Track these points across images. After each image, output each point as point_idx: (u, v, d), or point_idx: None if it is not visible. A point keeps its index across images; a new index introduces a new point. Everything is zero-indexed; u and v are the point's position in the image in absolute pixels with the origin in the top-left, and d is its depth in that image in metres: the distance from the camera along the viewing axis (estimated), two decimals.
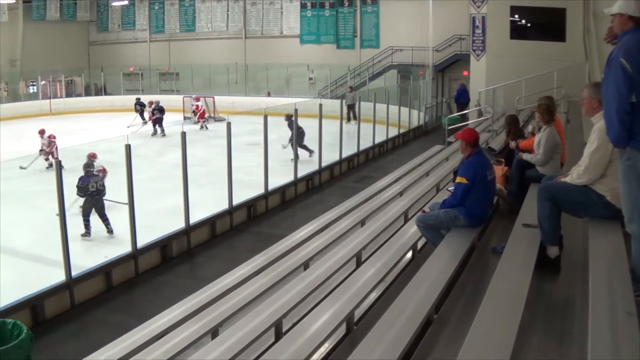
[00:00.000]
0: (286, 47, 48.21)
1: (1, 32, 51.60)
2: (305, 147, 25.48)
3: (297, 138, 23.74)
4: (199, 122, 38.83)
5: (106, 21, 58.67)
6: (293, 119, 24.00)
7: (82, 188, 17.44)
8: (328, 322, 6.98)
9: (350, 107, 35.83)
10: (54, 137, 27.43)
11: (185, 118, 41.07)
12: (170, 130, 33.03)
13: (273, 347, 7.14)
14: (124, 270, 14.39)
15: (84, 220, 17.55)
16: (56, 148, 26.36)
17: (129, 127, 37.22)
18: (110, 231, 17.57)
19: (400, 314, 6.47)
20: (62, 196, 12.67)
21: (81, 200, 17.48)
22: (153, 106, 37.69)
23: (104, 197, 17.65)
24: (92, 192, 17.32)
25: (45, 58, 52.64)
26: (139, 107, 41.22)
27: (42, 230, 17.98)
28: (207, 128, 37.20)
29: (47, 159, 26.93)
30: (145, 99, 41.27)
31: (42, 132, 28.08)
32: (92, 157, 19.85)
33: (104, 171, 18.80)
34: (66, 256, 12.85)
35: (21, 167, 25.57)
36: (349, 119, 34.31)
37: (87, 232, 17.45)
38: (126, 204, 17.06)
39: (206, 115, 39.67)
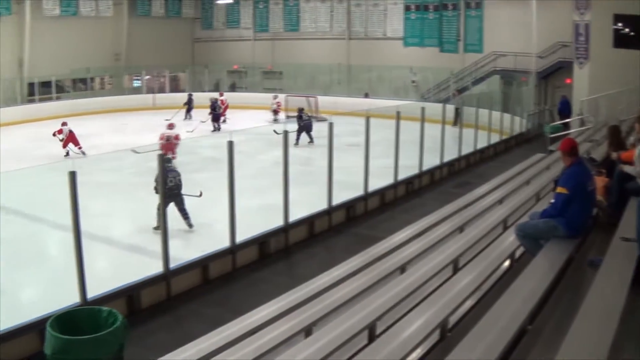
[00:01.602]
0: (389, 49, 47.94)
1: (106, 27, 52.82)
2: (310, 136, 32.03)
3: (306, 128, 32.34)
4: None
5: (211, 19, 59.40)
6: (303, 112, 33.33)
7: (162, 183, 17.46)
8: (422, 327, 7.01)
9: (456, 111, 35.56)
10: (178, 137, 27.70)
11: (288, 117, 41.28)
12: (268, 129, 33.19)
13: (366, 349, 7.21)
14: (222, 265, 14.56)
15: (159, 213, 17.53)
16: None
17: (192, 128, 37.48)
18: (190, 225, 17.96)
19: (494, 323, 6.48)
20: (165, 188, 12.86)
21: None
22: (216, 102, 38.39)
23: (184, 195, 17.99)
24: (170, 187, 17.41)
25: (149, 53, 53.80)
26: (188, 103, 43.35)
27: (142, 221, 18.38)
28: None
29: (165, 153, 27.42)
30: (250, 97, 41.62)
31: (171, 126, 28.66)
32: (170, 126, 20.36)
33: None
34: (165, 248, 13.08)
35: (134, 151, 26.10)
36: (455, 123, 34.07)
37: (159, 226, 17.51)
38: (199, 196, 18.01)
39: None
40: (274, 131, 29.87)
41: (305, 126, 33.68)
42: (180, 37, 59.12)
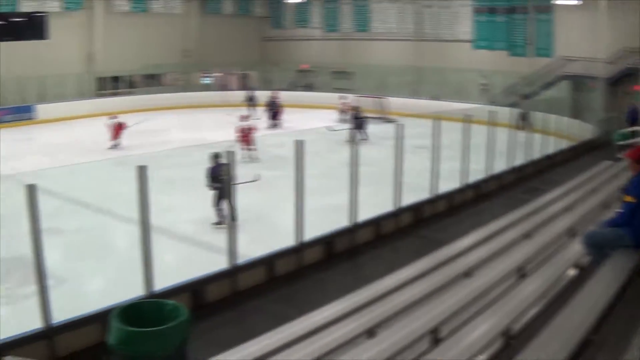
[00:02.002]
0: (458, 52, 47.63)
1: (176, 24, 53.41)
2: (364, 134, 33.75)
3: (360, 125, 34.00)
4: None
5: (280, 18, 59.61)
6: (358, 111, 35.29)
7: (213, 178, 18.16)
8: (485, 334, 7.01)
9: (524, 116, 35.28)
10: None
11: (357, 118, 41.21)
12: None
13: (429, 353, 7.24)
14: (287, 263, 14.69)
15: (216, 209, 18.39)
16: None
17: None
18: (234, 218, 17.40)
19: (558, 331, 6.47)
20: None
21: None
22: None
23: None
24: (222, 179, 17.58)
25: (219, 51, 54.48)
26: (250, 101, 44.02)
27: (208, 217, 18.59)
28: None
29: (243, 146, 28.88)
30: (318, 97, 41.73)
31: (245, 118, 30.51)
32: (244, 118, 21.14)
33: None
34: (232, 244, 13.21)
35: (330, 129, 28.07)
36: (522, 128, 33.89)
37: (221, 221, 18.09)
38: (254, 181, 18.80)
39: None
40: (329, 129, 31.20)
41: (359, 124, 34.46)
42: (249, 35, 59.51)
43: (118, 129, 33.25)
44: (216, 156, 18.49)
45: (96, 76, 48.62)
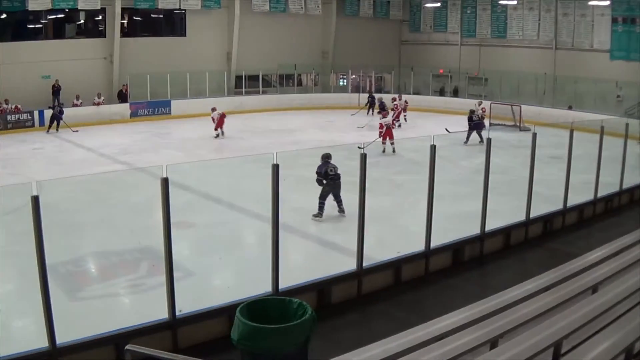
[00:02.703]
0: (595, 61, 46.55)
1: (314, 25, 53.95)
2: (480, 136, 33.41)
3: (476, 128, 34.18)
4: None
5: (418, 21, 59.29)
6: (474, 114, 35.27)
7: (322, 174, 18.93)
8: (608, 350, 6.98)
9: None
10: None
11: (491, 124, 40.95)
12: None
13: None
14: (414, 268, 14.60)
15: (320, 202, 19.13)
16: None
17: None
18: (341, 211, 19.17)
19: None
20: (364, 187, 13.06)
21: None
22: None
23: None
24: (331, 176, 18.71)
25: (356, 53, 54.42)
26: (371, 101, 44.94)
27: (337, 218, 18.80)
28: None
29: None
30: (454, 102, 41.57)
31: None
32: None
33: None
34: (360, 246, 13.26)
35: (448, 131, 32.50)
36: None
37: (320, 214, 19.14)
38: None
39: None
40: (446, 129, 31.80)
41: (475, 126, 34.75)
42: (387, 38, 59.44)
43: (221, 120, 34.25)
44: (326, 157, 19.39)
45: (234, 74, 49.38)
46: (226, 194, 21.45)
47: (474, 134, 34.10)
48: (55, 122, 37.71)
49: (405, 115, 42.17)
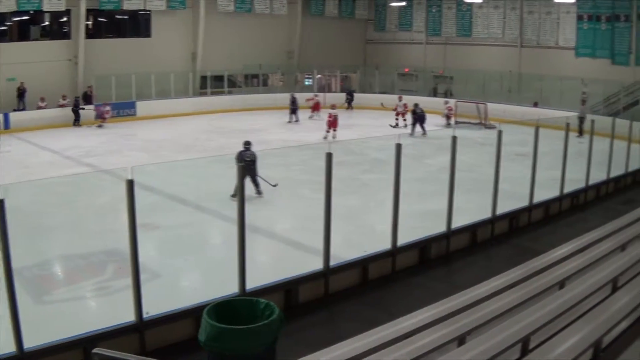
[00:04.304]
0: (560, 59, 46.88)
1: (279, 25, 53.93)
2: (423, 128, 36.45)
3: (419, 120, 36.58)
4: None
5: (384, 21, 59.51)
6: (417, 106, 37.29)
7: (238, 158, 20.13)
8: (575, 346, 6.98)
9: (582, 120, 34.70)
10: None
11: (457, 122, 41.18)
12: (443, 134, 33.17)
13: None
14: (381, 267, 14.61)
15: (237, 185, 19.46)
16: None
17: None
18: (258, 192, 20.47)
19: None
20: (330, 186, 13.03)
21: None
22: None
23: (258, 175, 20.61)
24: (247, 161, 19.56)
25: (321, 52, 54.68)
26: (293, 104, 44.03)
27: (304, 218, 18.78)
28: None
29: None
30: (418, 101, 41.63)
31: (334, 107, 36.24)
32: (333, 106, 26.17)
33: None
34: (327, 246, 13.25)
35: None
36: (580, 133, 33.63)
37: (235, 194, 19.33)
38: (274, 185, 20.43)
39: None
40: (390, 125, 32.63)
41: (418, 119, 36.82)
42: (352, 37, 59.59)
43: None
44: (246, 143, 20.92)
45: (199, 75, 49.22)
46: (192, 195, 21.38)
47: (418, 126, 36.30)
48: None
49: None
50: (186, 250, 16.50)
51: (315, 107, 45.51)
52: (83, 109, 39.81)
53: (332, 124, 35.46)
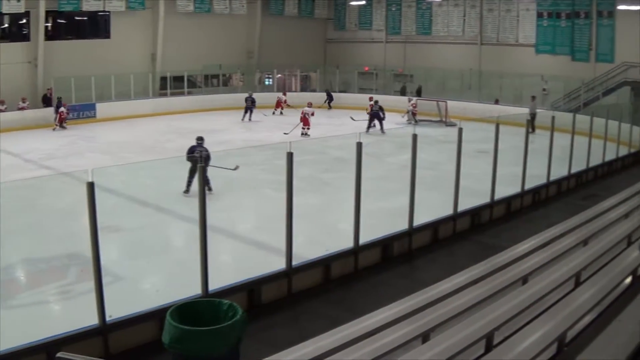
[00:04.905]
0: (520, 56, 47.25)
1: (239, 25, 53.91)
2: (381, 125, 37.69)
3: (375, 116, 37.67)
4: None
5: (343, 20, 59.75)
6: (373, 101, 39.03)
7: (189, 152, 21.02)
8: (539, 341, 6.99)
9: (532, 117, 35.04)
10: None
11: (417, 121, 41.42)
12: (404, 132, 33.23)
13: (482, 358, 7.24)
14: (344, 265, 14.60)
15: (188, 179, 20.88)
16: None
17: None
18: (209, 189, 19.75)
19: (613, 340, 6.46)
20: (291, 186, 13.01)
21: None
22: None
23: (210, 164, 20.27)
24: (198, 158, 20.17)
25: (281, 52, 54.68)
26: (250, 102, 44.30)
27: (266, 218, 18.72)
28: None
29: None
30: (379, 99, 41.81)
31: (310, 105, 38.11)
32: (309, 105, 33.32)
33: None
34: (289, 245, 13.22)
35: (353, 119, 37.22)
36: (532, 129, 34.03)
37: (187, 189, 20.85)
38: (233, 169, 20.50)
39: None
40: (351, 118, 33.33)
41: (374, 115, 37.95)
42: (312, 37, 59.77)
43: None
44: (198, 139, 21.94)
45: (159, 75, 49.01)
46: (153, 197, 21.28)
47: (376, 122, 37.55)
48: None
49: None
50: (148, 252, 16.40)
51: (278, 105, 46.96)
52: (63, 111, 39.55)
53: (303, 120, 36.70)
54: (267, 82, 55.63)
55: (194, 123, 39.46)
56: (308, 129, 36.67)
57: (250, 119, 43.49)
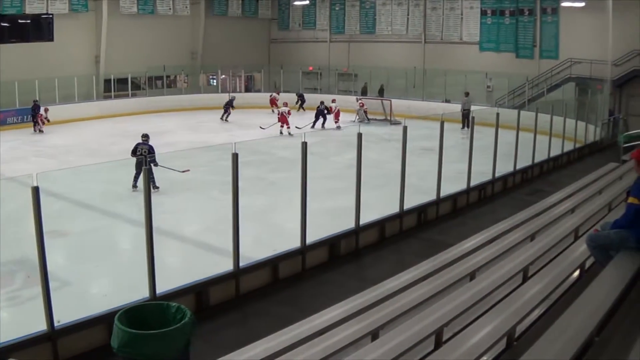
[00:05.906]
0: (465, 54, 47.71)
1: (183, 26, 53.89)
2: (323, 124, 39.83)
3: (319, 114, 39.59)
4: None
5: (287, 19, 59.99)
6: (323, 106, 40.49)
7: (134, 151, 21.82)
8: (489, 336, 7.01)
9: (465, 113, 35.42)
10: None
11: (368, 120, 41.70)
12: (349, 131, 33.26)
13: (432, 354, 7.24)
14: (291, 265, 14.61)
15: (135, 176, 21.29)
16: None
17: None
18: (155, 187, 20.31)
19: (561, 333, 6.47)
20: (237, 187, 12.97)
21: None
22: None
23: (159, 164, 20.72)
24: (140, 156, 21.40)
25: (225, 52, 54.91)
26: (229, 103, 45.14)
27: (213, 219, 18.67)
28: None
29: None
30: (324, 99, 42.01)
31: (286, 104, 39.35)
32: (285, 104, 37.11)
33: None
34: (236, 246, 13.18)
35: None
36: (464, 125, 34.45)
37: (134, 184, 21.35)
38: (182, 172, 20.89)
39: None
40: (260, 127, 33.84)
41: (318, 113, 40.21)
42: (256, 37, 59.84)
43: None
44: (143, 136, 23.18)
45: (103, 78, 48.66)
46: (98, 200, 21.12)
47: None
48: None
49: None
50: (95, 256, 16.25)
51: (272, 103, 47.81)
52: (42, 114, 39.74)
53: (281, 119, 37.58)
54: (212, 83, 55.58)
55: (139, 125, 39.16)
56: (288, 127, 37.00)
57: (226, 119, 44.09)
